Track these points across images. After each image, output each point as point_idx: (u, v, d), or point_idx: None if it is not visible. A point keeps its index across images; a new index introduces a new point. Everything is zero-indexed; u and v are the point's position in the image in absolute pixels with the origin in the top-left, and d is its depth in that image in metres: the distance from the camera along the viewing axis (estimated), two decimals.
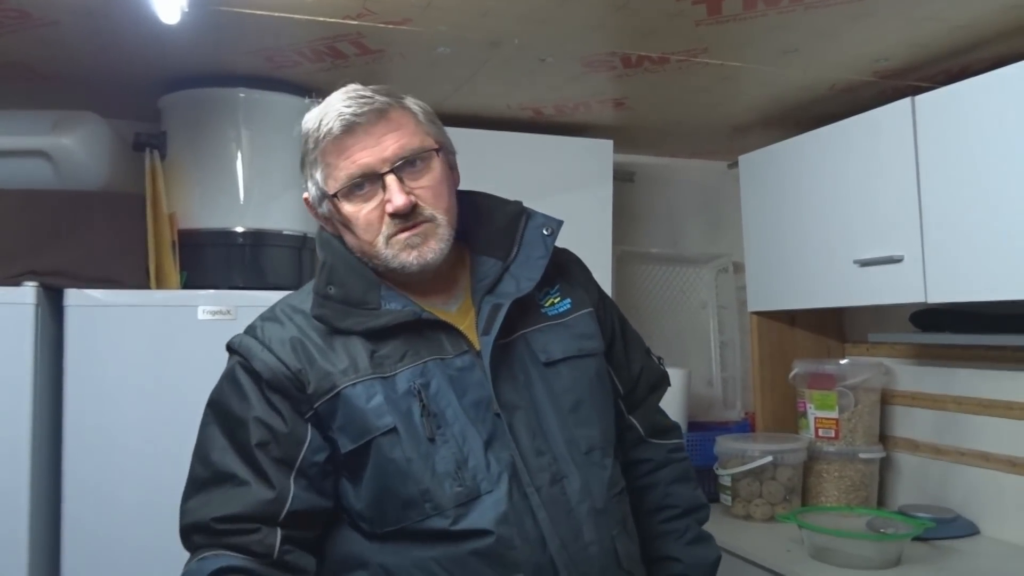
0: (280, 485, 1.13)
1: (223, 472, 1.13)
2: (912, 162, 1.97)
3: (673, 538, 1.36)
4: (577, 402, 1.22)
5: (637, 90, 2.25)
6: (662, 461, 1.39)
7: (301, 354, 1.16)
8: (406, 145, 1.16)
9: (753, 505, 2.38)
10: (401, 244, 1.17)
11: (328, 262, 1.22)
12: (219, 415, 1.18)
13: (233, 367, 1.19)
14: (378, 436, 1.13)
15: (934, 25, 1.79)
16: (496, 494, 1.12)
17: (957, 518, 2.21)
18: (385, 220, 1.16)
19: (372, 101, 1.16)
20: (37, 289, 1.84)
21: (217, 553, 1.10)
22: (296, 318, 1.21)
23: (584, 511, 1.16)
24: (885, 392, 2.50)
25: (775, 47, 1.92)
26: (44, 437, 1.86)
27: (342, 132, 1.15)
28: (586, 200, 2.55)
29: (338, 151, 1.16)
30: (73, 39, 1.82)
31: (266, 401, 1.15)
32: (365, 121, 1.15)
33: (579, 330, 1.27)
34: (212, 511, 1.11)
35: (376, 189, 1.16)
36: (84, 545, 1.83)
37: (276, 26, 1.76)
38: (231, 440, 1.15)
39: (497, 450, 1.14)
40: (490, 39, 1.85)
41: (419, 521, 1.12)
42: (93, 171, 2.05)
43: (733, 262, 3.06)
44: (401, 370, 1.15)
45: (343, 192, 1.17)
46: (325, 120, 1.16)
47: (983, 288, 1.83)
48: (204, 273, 2.11)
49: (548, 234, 1.27)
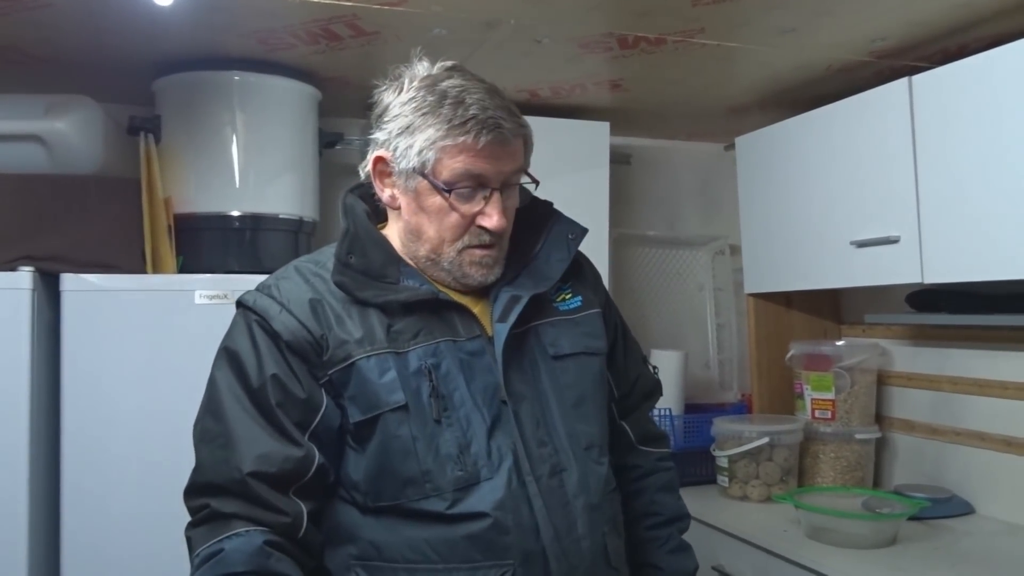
0: (305, 443, 1.12)
1: (242, 427, 1.11)
2: (909, 142, 1.97)
3: (656, 545, 1.38)
4: (580, 398, 1.23)
5: (633, 72, 2.24)
6: (650, 469, 1.41)
7: (321, 317, 1.15)
8: (518, 170, 1.19)
9: (750, 486, 2.39)
10: (475, 259, 1.18)
11: (351, 231, 1.21)
12: (234, 368, 1.14)
13: (249, 324, 1.16)
14: (387, 412, 1.13)
15: (931, 4, 1.79)
16: (495, 481, 1.12)
17: (952, 497, 2.22)
18: (471, 230, 1.17)
19: (521, 122, 1.16)
20: (33, 274, 1.84)
21: (250, 530, 1.07)
22: (315, 280, 1.19)
23: (580, 505, 1.17)
24: (881, 373, 2.51)
25: (771, 27, 1.91)
26: (42, 422, 1.86)
27: (487, 144, 1.12)
28: (583, 182, 2.55)
29: (470, 149, 1.13)
30: (66, 22, 1.81)
31: (285, 362, 1.13)
32: (511, 143, 1.15)
33: (587, 328, 1.29)
34: (244, 466, 1.08)
35: (477, 196, 1.15)
36: (83, 530, 1.83)
37: (270, 8, 1.75)
38: (250, 396, 1.12)
39: (500, 437, 1.14)
40: (485, 20, 1.84)
41: (416, 500, 1.12)
42: (87, 155, 2.04)
43: (730, 244, 3.06)
44: (414, 347, 1.15)
45: (452, 187, 1.14)
46: (471, 119, 1.11)
47: (979, 268, 1.83)
48: (200, 257, 2.11)
49: (572, 238, 1.28)
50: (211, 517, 1.09)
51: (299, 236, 2.25)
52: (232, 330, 1.19)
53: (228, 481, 1.09)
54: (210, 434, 1.13)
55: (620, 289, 2.92)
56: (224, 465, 1.10)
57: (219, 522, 1.08)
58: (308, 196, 2.27)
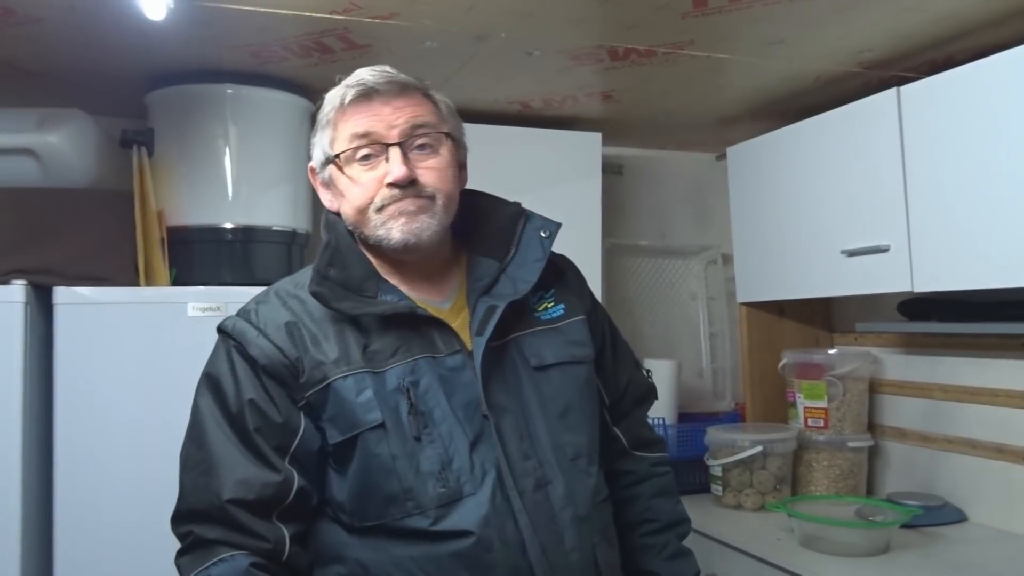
0: (284, 467, 1.12)
1: (223, 453, 1.12)
2: (898, 152, 1.99)
3: (652, 552, 1.35)
4: (566, 408, 1.22)
5: (624, 83, 2.25)
6: (644, 474, 1.39)
7: (297, 340, 1.15)
8: (418, 120, 1.17)
9: (743, 495, 2.39)
10: (392, 214, 1.16)
11: (332, 243, 1.21)
12: (214, 395, 1.16)
13: (228, 350, 1.18)
14: (365, 431, 1.13)
15: (917, 16, 1.81)
16: (479, 496, 1.11)
17: (945, 505, 2.23)
18: (382, 191, 1.16)
19: (396, 76, 1.17)
20: (26, 287, 1.83)
21: (234, 555, 1.08)
22: (292, 302, 1.20)
23: (567, 518, 1.15)
24: (873, 381, 2.52)
25: (760, 39, 1.93)
26: (34, 436, 1.85)
27: (358, 96, 1.16)
28: (575, 193, 2.56)
29: (350, 114, 1.17)
30: (58, 36, 1.82)
31: (262, 387, 1.14)
32: (385, 91, 1.16)
33: (571, 336, 1.27)
34: (223, 493, 1.09)
35: (380, 160, 1.16)
36: (76, 543, 1.82)
37: (262, 21, 1.76)
38: (230, 423, 1.13)
39: (483, 452, 1.13)
40: (476, 33, 1.85)
41: (399, 519, 1.12)
42: (80, 168, 2.04)
43: (722, 253, 3.07)
44: (392, 366, 1.14)
45: (346, 156, 1.17)
46: (346, 88, 1.17)
47: (969, 277, 1.85)
48: (193, 270, 2.11)
49: (546, 236, 1.26)
50: (196, 545, 1.10)
51: (292, 248, 2.26)
52: (213, 356, 1.20)
53: (209, 508, 1.10)
54: (192, 461, 1.14)
55: (613, 299, 2.93)
56: (205, 492, 1.11)
57: (204, 549, 1.10)
58: (301, 208, 2.28)
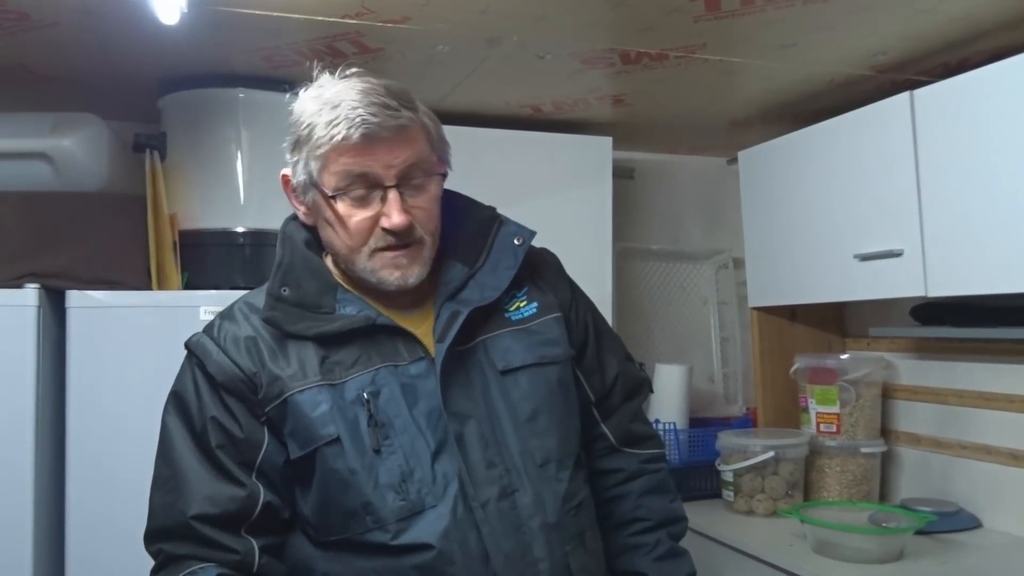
0: (249, 482, 1.12)
1: (189, 470, 1.12)
2: (911, 156, 1.97)
3: (642, 552, 1.29)
4: (534, 412, 1.18)
5: (636, 86, 2.25)
6: (635, 472, 1.33)
7: (255, 355, 1.14)
8: (416, 164, 1.13)
9: (755, 500, 2.38)
10: (386, 261, 1.14)
11: (285, 261, 1.19)
12: (180, 412, 1.16)
13: (192, 367, 1.18)
14: (322, 446, 1.11)
15: (931, 18, 1.80)
16: (440, 508, 1.09)
17: (959, 511, 2.21)
18: (376, 232, 1.13)
19: (397, 115, 1.10)
20: (39, 291, 1.85)
21: (203, 566, 1.08)
22: (252, 317, 1.18)
23: (535, 526, 1.12)
24: (886, 386, 2.50)
25: (773, 42, 1.92)
26: (47, 439, 1.86)
27: (360, 140, 1.08)
28: (586, 197, 2.56)
29: (346, 154, 1.10)
30: (72, 40, 1.83)
31: (222, 404, 1.14)
32: (387, 135, 1.09)
33: (543, 336, 1.23)
34: (189, 509, 1.09)
35: (374, 198, 1.12)
36: (87, 546, 1.83)
37: (275, 26, 1.76)
38: (194, 439, 1.13)
39: (445, 462, 1.11)
40: (488, 37, 1.85)
41: (360, 534, 1.10)
42: (93, 172, 2.06)
43: (733, 258, 3.06)
44: (351, 377, 1.13)
45: (339, 192, 1.12)
46: (340, 119, 1.08)
47: (983, 281, 1.83)
48: (205, 273, 2.12)
49: (519, 244, 1.23)
50: (167, 561, 1.11)
51: None
52: (179, 373, 1.20)
53: (176, 524, 1.10)
54: (161, 479, 1.15)
55: (624, 303, 2.92)
56: (171, 509, 1.11)
57: (174, 565, 1.10)
58: None
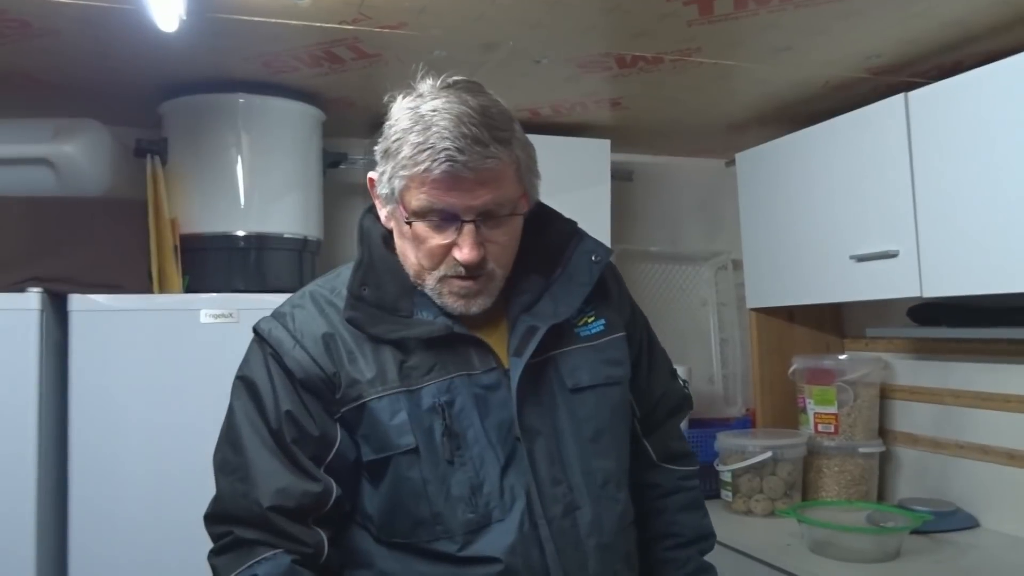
0: (323, 478, 1.12)
1: (262, 460, 1.11)
2: (906, 157, 1.99)
3: (673, 567, 1.33)
4: (597, 432, 1.19)
5: (633, 90, 2.26)
6: (672, 488, 1.36)
7: (334, 354, 1.13)
8: (499, 202, 1.10)
9: (754, 500, 2.39)
10: (453, 290, 1.13)
11: (365, 260, 1.18)
12: (253, 401, 1.14)
13: (265, 356, 1.15)
14: (398, 454, 1.12)
15: (924, 21, 1.81)
16: (507, 523, 1.10)
17: (956, 511, 2.22)
18: (448, 259, 1.11)
19: (486, 152, 1.05)
20: (41, 295, 1.86)
21: (275, 553, 1.08)
22: (329, 311, 1.17)
23: (592, 545, 1.14)
24: (884, 387, 2.51)
25: (768, 45, 1.93)
26: (50, 442, 1.88)
27: (443, 176, 1.05)
28: (584, 200, 2.56)
29: (430, 186, 1.07)
30: (74, 48, 1.84)
31: (299, 399, 1.13)
32: (471, 176, 1.06)
33: (608, 355, 1.23)
34: (264, 500, 1.08)
35: (451, 227, 1.10)
36: (91, 548, 1.84)
37: (273, 32, 1.78)
38: (268, 431, 1.12)
39: (513, 477, 1.12)
40: (485, 42, 1.87)
41: (427, 541, 1.11)
42: (95, 178, 2.07)
43: (732, 259, 3.07)
44: (427, 384, 1.13)
45: (417, 218, 1.10)
46: (426, 147, 1.05)
47: (978, 282, 1.84)
48: (206, 277, 2.13)
49: (596, 261, 1.23)
50: (236, 544, 1.10)
51: (303, 255, 2.27)
52: (249, 358, 1.18)
53: (248, 515, 1.10)
54: (230, 465, 1.13)
55: None
56: (243, 499, 1.10)
57: (244, 549, 1.09)
58: (312, 215, 2.30)
